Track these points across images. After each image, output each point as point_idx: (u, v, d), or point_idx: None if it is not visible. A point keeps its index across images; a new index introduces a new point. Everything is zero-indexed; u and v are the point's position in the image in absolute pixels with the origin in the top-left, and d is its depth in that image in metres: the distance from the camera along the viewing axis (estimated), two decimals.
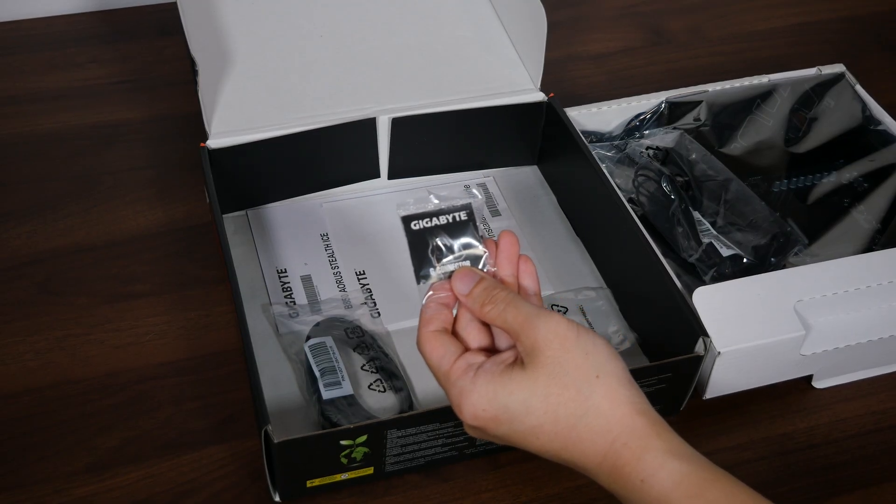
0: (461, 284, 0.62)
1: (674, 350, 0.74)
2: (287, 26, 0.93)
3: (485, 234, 0.63)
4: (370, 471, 0.71)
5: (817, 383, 0.80)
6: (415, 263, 0.63)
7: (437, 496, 0.72)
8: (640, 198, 0.88)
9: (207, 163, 0.81)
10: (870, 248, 0.86)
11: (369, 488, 0.72)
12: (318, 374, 0.74)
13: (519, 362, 0.59)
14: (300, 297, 0.81)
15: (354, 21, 0.95)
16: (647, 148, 0.90)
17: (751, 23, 1.15)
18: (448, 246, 0.63)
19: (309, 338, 0.77)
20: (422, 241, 0.63)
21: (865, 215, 0.89)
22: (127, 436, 0.74)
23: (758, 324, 0.74)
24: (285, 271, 0.83)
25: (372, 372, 0.77)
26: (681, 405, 0.77)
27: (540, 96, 0.90)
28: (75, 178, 0.92)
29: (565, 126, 0.87)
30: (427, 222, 0.63)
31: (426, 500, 0.72)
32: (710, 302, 0.75)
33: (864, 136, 0.94)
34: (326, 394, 0.73)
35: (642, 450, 0.57)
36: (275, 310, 0.80)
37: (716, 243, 0.85)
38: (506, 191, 0.92)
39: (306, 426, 0.73)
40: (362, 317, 0.80)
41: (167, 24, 1.07)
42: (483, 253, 0.63)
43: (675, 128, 0.93)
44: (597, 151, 0.90)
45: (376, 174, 0.90)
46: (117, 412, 0.75)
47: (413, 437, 0.69)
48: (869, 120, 0.95)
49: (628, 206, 0.81)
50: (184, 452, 0.73)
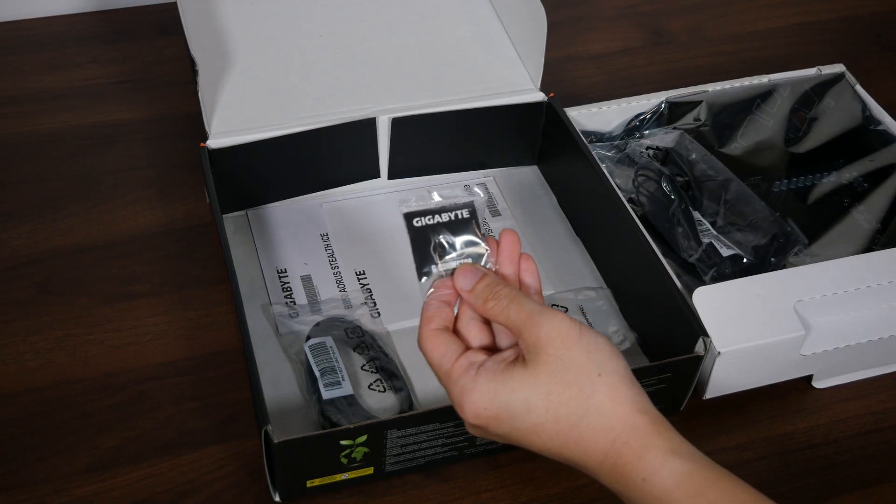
0: (464, 280, 0.62)
1: (674, 350, 0.74)
2: (287, 26, 0.93)
3: (487, 232, 0.63)
4: (370, 471, 0.71)
5: (817, 383, 0.80)
6: (416, 260, 0.63)
7: (437, 496, 0.72)
8: (640, 198, 0.88)
9: (207, 163, 0.81)
10: (870, 248, 0.86)
11: (369, 488, 0.72)
12: (318, 374, 0.74)
13: (520, 360, 0.59)
14: (300, 297, 0.81)
15: (354, 21, 0.95)
16: (647, 148, 0.90)
17: (751, 23, 1.15)
18: (450, 243, 0.63)
19: (309, 338, 0.77)
20: (424, 238, 0.63)
21: (865, 215, 0.89)
22: (127, 436, 0.74)
23: (758, 324, 0.74)
24: (285, 271, 0.83)
25: (372, 372, 0.77)
26: (681, 405, 0.77)
27: (540, 96, 0.90)
28: (75, 178, 0.92)
29: (565, 126, 0.87)
30: (429, 219, 0.63)
31: (426, 500, 0.72)
32: (710, 302, 0.75)
33: (864, 136, 0.94)
34: (326, 394, 0.73)
35: (644, 448, 0.57)
36: (275, 310, 0.80)
37: (716, 243, 0.85)
38: (506, 191, 0.92)
39: (306, 426, 0.73)
40: (362, 317, 0.80)
41: (167, 24, 1.07)
42: (485, 251, 0.63)
43: (675, 128, 0.93)
44: (597, 151, 0.90)
45: (376, 174, 0.90)
46: (117, 412, 0.75)
47: (413, 437, 0.69)
48: (869, 120, 0.95)
49: (628, 206, 0.81)
50: (184, 452, 0.73)
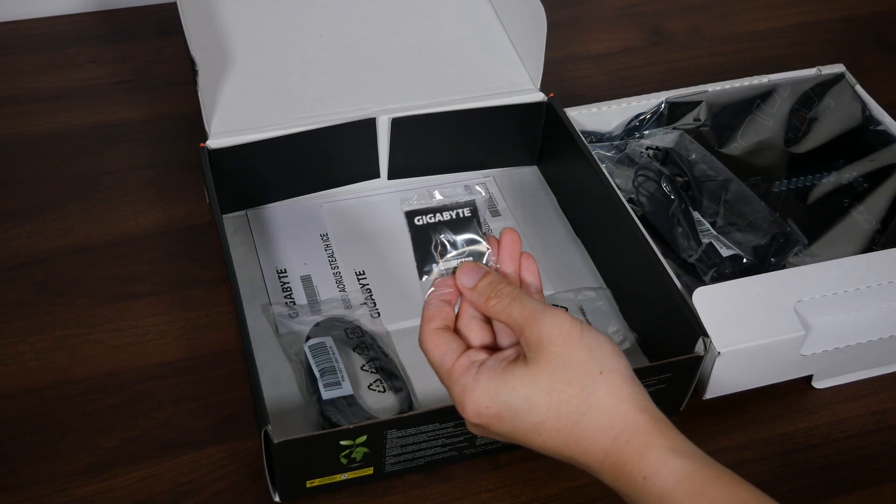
0: (466, 278, 0.62)
1: (674, 350, 0.74)
2: (287, 26, 0.93)
3: (488, 231, 0.63)
4: (370, 471, 0.71)
5: (817, 383, 0.80)
6: (417, 259, 0.62)
7: (437, 496, 0.72)
8: (640, 198, 0.88)
9: (207, 163, 0.81)
10: (870, 248, 0.86)
11: (369, 488, 0.72)
12: (317, 375, 0.74)
13: (522, 359, 0.59)
14: (300, 298, 0.81)
15: (354, 21, 0.95)
16: (647, 148, 0.90)
17: (751, 23, 1.15)
18: (451, 242, 0.63)
19: (309, 338, 0.77)
20: (425, 237, 0.62)
21: (865, 215, 0.89)
22: (127, 436, 0.74)
23: (758, 324, 0.74)
24: (285, 271, 0.83)
25: (372, 372, 0.77)
26: (681, 405, 0.77)
27: (540, 96, 0.90)
28: (75, 178, 0.92)
29: (565, 126, 0.87)
30: (430, 218, 0.63)
31: (426, 500, 0.72)
32: (710, 302, 0.75)
33: (864, 136, 0.94)
34: (326, 394, 0.73)
35: (645, 447, 0.57)
36: (275, 310, 0.80)
37: (716, 243, 0.85)
38: (506, 191, 0.92)
39: (306, 426, 0.73)
40: (362, 317, 0.80)
41: (167, 24, 1.07)
42: (486, 249, 0.63)
43: (675, 128, 0.93)
44: (597, 151, 0.90)
45: (376, 174, 0.90)
46: (117, 412, 0.75)
47: (413, 437, 0.69)
48: (869, 120, 0.95)
49: (628, 206, 0.81)
50: (184, 452, 0.73)
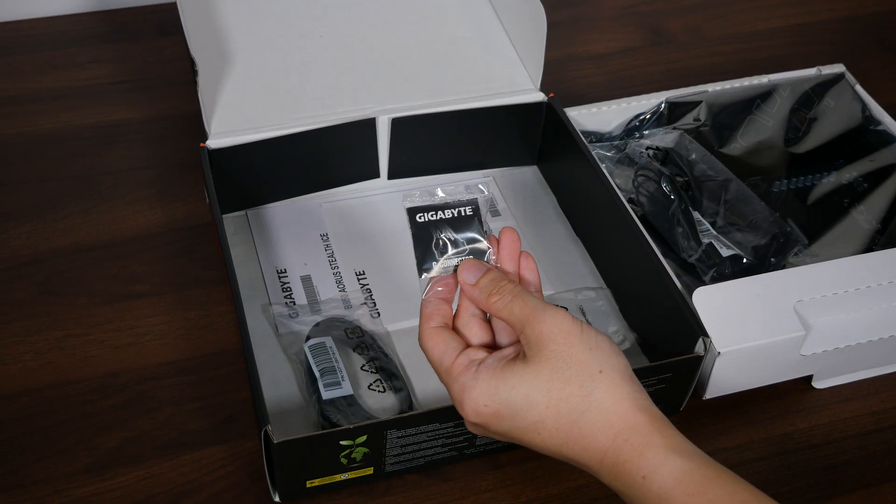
0: (468, 274, 0.61)
1: (674, 350, 0.74)
2: (287, 26, 0.93)
3: (488, 231, 0.63)
4: (370, 471, 0.71)
5: (817, 383, 0.80)
6: (418, 256, 0.62)
7: (437, 496, 0.72)
8: (640, 198, 0.88)
9: (207, 163, 0.81)
10: (870, 248, 0.86)
11: (369, 488, 0.72)
12: (317, 375, 0.74)
13: (521, 357, 0.59)
14: (300, 298, 0.81)
15: (354, 21, 0.95)
16: (647, 148, 0.90)
17: (751, 23, 1.15)
18: (452, 240, 0.63)
19: (309, 338, 0.77)
20: (426, 234, 0.62)
21: (865, 215, 0.89)
22: (127, 436, 0.74)
23: (758, 324, 0.74)
24: (285, 271, 0.83)
25: (372, 372, 0.77)
26: (681, 405, 0.77)
27: (540, 96, 0.90)
28: (75, 178, 0.92)
29: (565, 126, 0.87)
30: (432, 215, 0.63)
31: (426, 500, 0.72)
32: (710, 302, 0.75)
33: (864, 136, 0.94)
34: (326, 394, 0.73)
35: (644, 446, 0.57)
36: (275, 310, 0.80)
37: (716, 243, 0.85)
38: (506, 191, 0.92)
39: (306, 426, 0.73)
40: (362, 317, 0.80)
41: (167, 24, 1.07)
42: (487, 248, 0.63)
43: (674, 128, 0.93)
44: (597, 151, 0.90)
45: (376, 174, 0.90)
46: (117, 412, 0.75)
47: (413, 437, 0.69)
48: (869, 120, 0.95)
49: (628, 206, 0.81)
50: (184, 452, 0.73)
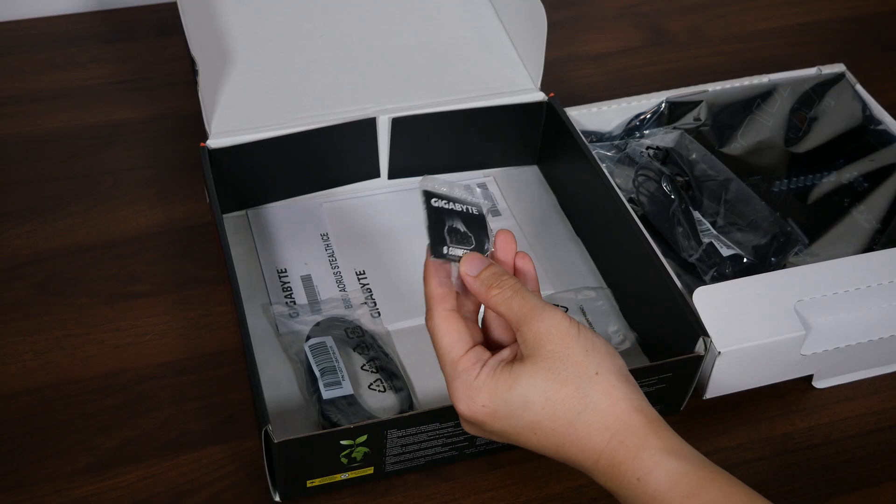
0: (470, 266, 0.61)
1: (674, 350, 0.74)
2: (287, 26, 0.93)
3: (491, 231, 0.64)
4: (370, 471, 0.71)
5: (817, 383, 0.80)
6: (431, 236, 0.62)
7: (437, 496, 0.72)
8: (640, 198, 0.88)
9: (207, 163, 0.81)
10: (870, 248, 0.86)
11: (369, 488, 0.72)
12: (318, 374, 0.74)
13: (518, 358, 0.59)
14: (300, 297, 0.81)
15: (354, 21, 0.95)
16: (647, 148, 0.90)
17: (751, 23, 1.15)
18: (462, 232, 0.63)
19: (309, 338, 0.77)
20: (439, 219, 0.63)
21: (865, 215, 0.89)
22: (127, 436, 0.74)
23: (758, 324, 0.74)
24: (285, 271, 0.83)
25: (372, 372, 0.77)
26: (681, 405, 0.77)
27: (540, 96, 0.90)
28: (75, 178, 0.92)
29: (565, 126, 0.87)
30: (445, 203, 0.63)
31: (426, 500, 0.72)
32: (710, 302, 0.75)
33: (864, 136, 0.94)
34: (326, 394, 0.73)
35: (639, 448, 0.57)
36: (275, 310, 0.80)
37: (716, 243, 0.85)
38: (506, 191, 0.92)
39: (306, 426, 0.73)
40: (362, 317, 0.80)
41: (167, 24, 1.07)
42: (488, 250, 0.63)
43: (675, 128, 0.93)
44: (597, 151, 0.90)
45: (376, 174, 0.90)
46: (117, 412, 0.75)
47: (413, 437, 0.69)
48: (869, 120, 0.95)
49: (628, 206, 0.81)
50: (184, 452, 0.73)
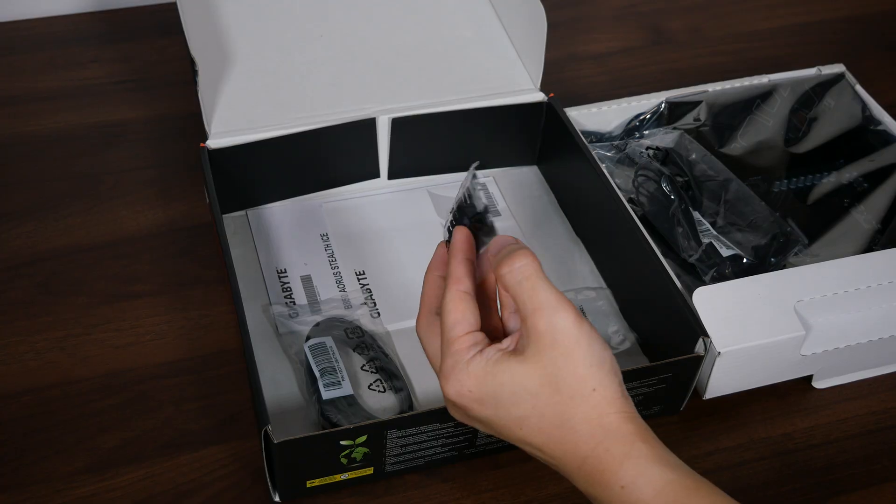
0: (494, 245, 0.61)
1: (674, 350, 0.74)
2: (287, 26, 0.93)
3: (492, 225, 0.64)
4: (370, 471, 0.71)
5: (817, 383, 0.80)
6: (454, 210, 0.63)
7: (437, 496, 0.72)
8: (640, 198, 0.88)
9: (207, 163, 0.81)
10: (870, 248, 0.86)
11: (369, 488, 0.72)
12: (317, 374, 0.74)
13: (518, 350, 0.58)
14: (300, 297, 0.81)
15: (354, 21, 0.95)
16: (647, 148, 0.90)
17: (751, 23, 1.15)
18: (489, 224, 0.63)
19: (309, 338, 0.77)
20: (469, 204, 0.63)
21: (865, 215, 0.89)
22: (127, 436, 0.74)
23: (758, 324, 0.74)
24: (285, 271, 0.83)
25: (372, 372, 0.77)
26: (681, 405, 0.77)
27: (540, 96, 0.90)
28: (75, 178, 0.92)
29: (565, 126, 0.87)
30: (468, 195, 0.64)
31: (426, 501, 0.72)
32: (710, 302, 0.75)
33: (864, 136, 0.94)
34: (326, 394, 0.73)
35: (624, 456, 0.56)
36: (275, 310, 0.80)
37: (716, 243, 0.85)
38: (506, 191, 0.92)
39: (306, 426, 0.73)
40: (362, 317, 0.80)
41: (167, 24, 1.07)
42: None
43: (675, 128, 0.93)
44: (597, 151, 0.90)
45: (376, 174, 0.90)
46: (117, 412, 0.75)
47: (413, 437, 0.69)
48: (869, 120, 0.95)
49: (628, 206, 0.81)
50: (184, 452, 0.73)
